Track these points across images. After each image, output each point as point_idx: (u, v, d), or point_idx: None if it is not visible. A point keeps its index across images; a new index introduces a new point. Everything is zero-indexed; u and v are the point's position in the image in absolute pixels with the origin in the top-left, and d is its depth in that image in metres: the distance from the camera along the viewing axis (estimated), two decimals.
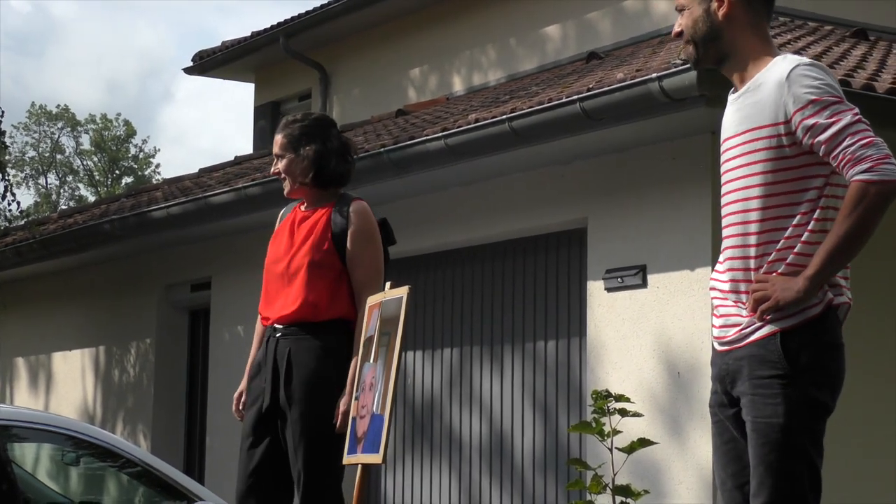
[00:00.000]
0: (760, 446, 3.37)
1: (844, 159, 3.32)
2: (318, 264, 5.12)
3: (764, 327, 3.40)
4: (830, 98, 3.38)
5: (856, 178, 3.30)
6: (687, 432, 8.04)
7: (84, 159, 48.44)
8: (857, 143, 3.32)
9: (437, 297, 10.30)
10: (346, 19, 15.06)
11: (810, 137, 3.37)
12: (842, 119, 3.35)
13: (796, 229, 3.40)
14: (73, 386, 14.35)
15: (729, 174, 3.55)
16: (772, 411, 3.35)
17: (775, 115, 3.42)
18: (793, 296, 3.34)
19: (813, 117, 3.36)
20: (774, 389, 3.36)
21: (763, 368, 3.38)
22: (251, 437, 5.18)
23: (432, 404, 10.22)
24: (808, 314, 3.38)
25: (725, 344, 3.51)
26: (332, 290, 5.14)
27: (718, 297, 3.56)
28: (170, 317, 13.25)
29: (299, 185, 5.27)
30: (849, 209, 3.30)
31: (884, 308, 8.52)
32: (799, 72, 3.41)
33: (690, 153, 8.20)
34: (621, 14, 12.48)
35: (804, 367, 3.36)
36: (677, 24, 3.66)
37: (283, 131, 5.31)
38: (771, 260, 3.42)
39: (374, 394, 5.02)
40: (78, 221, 13.53)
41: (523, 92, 10.16)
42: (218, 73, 17.64)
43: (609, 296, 8.64)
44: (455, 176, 9.51)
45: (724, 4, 3.55)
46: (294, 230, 5.25)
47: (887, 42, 11.19)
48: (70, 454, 7.26)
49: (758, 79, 3.50)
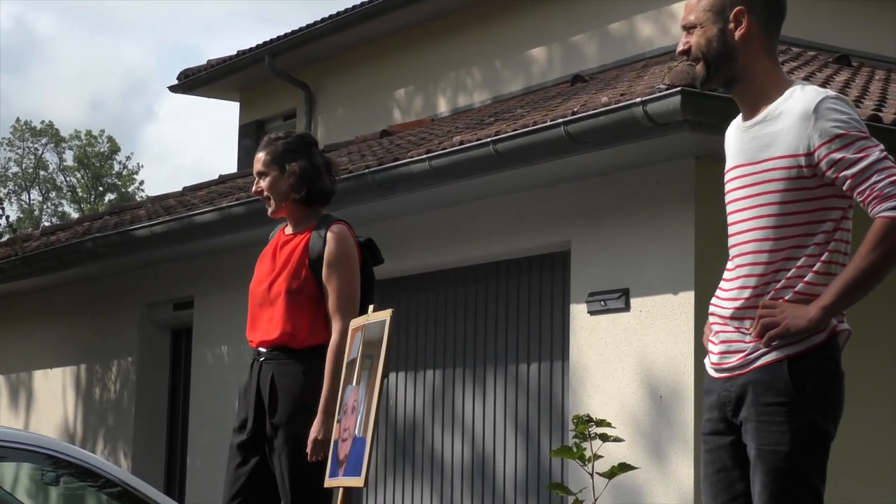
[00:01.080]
0: (765, 474, 3.35)
1: (872, 195, 3.32)
2: (295, 292, 5.11)
3: (770, 353, 3.39)
4: (858, 133, 3.37)
5: (883, 213, 3.30)
6: (668, 456, 8.04)
7: (67, 175, 48.35)
8: (887, 180, 3.32)
9: (420, 318, 10.29)
10: (332, 39, 15.08)
11: (835, 171, 3.36)
12: (870, 155, 3.34)
13: (808, 259, 3.39)
14: (54, 404, 14.29)
15: (742, 202, 3.50)
16: (777, 439, 3.34)
17: (797, 146, 3.40)
18: (804, 324, 3.33)
19: (840, 151, 3.35)
20: (780, 417, 3.35)
21: (769, 395, 3.37)
22: (238, 458, 5.17)
23: (414, 426, 10.20)
24: (813, 341, 3.38)
25: (726, 370, 3.48)
26: (311, 317, 5.13)
27: (718, 322, 3.53)
28: (152, 335, 13.21)
29: (284, 203, 5.23)
30: (874, 244, 3.30)
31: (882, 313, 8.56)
32: (827, 105, 3.39)
33: (674, 177, 8.22)
34: (606, 37, 12.52)
35: (810, 394, 3.35)
36: (683, 41, 3.57)
37: (266, 149, 5.25)
38: (779, 287, 3.40)
39: (357, 416, 5.01)
40: (61, 239, 13.50)
41: (508, 114, 10.17)
42: (203, 92, 17.64)
43: (592, 319, 8.64)
44: (439, 198, 9.52)
45: (741, 25, 3.50)
46: (276, 254, 5.23)
47: (870, 68, 11.24)
48: (50, 474, 7.22)
49: (776, 107, 3.47)
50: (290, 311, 5.10)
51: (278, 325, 5.10)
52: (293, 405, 5.06)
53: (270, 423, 5.08)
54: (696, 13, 3.54)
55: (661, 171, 8.30)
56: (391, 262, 10.23)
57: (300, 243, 5.18)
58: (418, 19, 14.29)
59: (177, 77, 17.35)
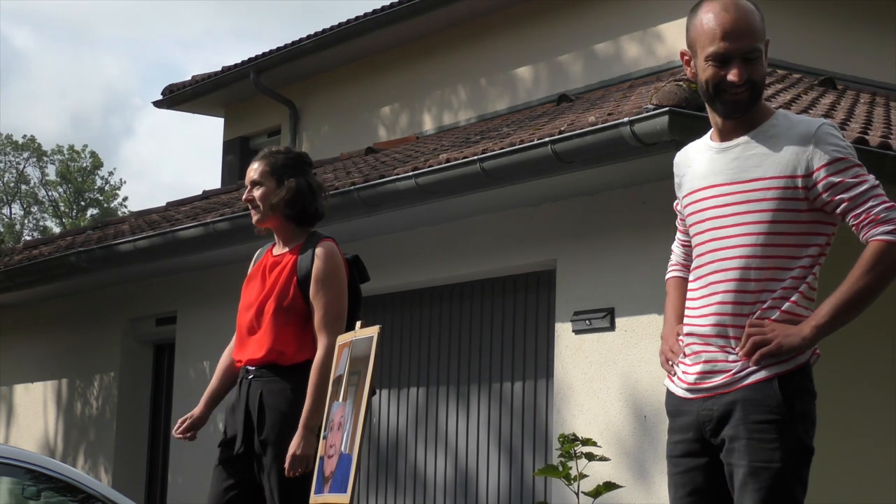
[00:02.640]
0: (755, 491, 3.38)
1: (868, 219, 3.41)
2: (284, 311, 5.11)
3: (760, 371, 3.42)
4: (854, 161, 3.47)
5: (879, 237, 3.39)
6: (652, 476, 8.03)
7: (49, 190, 48.24)
8: (882, 206, 3.41)
9: (405, 336, 10.28)
10: (317, 56, 15.08)
11: (832, 194, 3.43)
12: (867, 181, 3.44)
13: (794, 281, 3.45)
14: (35, 419, 14.22)
15: (726, 220, 3.52)
16: (769, 456, 3.38)
17: (794, 167, 3.45)
18: (798, 342, 3.39)
19: (838, 175, 3.42)
20: (772, 434, 3.38)
21: (759, 413, 3.40)
22: (224, 475, 5.15)
23: (398, 444, 10.18)
24: (798, 360, 3.44)
25: (705, 390, 3.49)
26: (298, 335, 5.13)
27: (696, 342, 3.54)
28: (134, 351, 13.17)
29: (273, 216, 5.21)
30: (868, 266, 3.38)
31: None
32: (826, 129, 3.47)
33: (661, 197, 8.22)
34: (592, 57, 12.55)
35: (798, 413, 3.41)
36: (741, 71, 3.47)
37: (266, 159, 5.24)
38: (765, 307, 3.44)
39: (343, 433, 4.99)
40: (43, 253, 13.44)
41: (494, 133, 10.18)
42: (187, 107, 17.61)
43: (577, 338, 8.64)
44: (425, 215, 9.51)
45: (765, 55, 3.53)
46: (265, 276, 5.21)
47: (855, 91, 11.28)
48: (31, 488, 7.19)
49: (764, 130, 3.51)
50: (278, 329, 5.10)
51: (266, 344, 5.10)
52: (282, 422, 5.06)
53: (259, 441, 5.07)
54: (760, 41, 3.50)
55: (647, 192, 8.31)
56: (376, 280, 10.23)
57: (289, 262, 5.17)
58: (404, 37, 14.30)
59: (161, 92, 17.33)
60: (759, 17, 3.51)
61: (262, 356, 5.10)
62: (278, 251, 5.26)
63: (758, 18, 3.50)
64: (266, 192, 5.19)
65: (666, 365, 3.66)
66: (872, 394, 8.63)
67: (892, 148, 7.90)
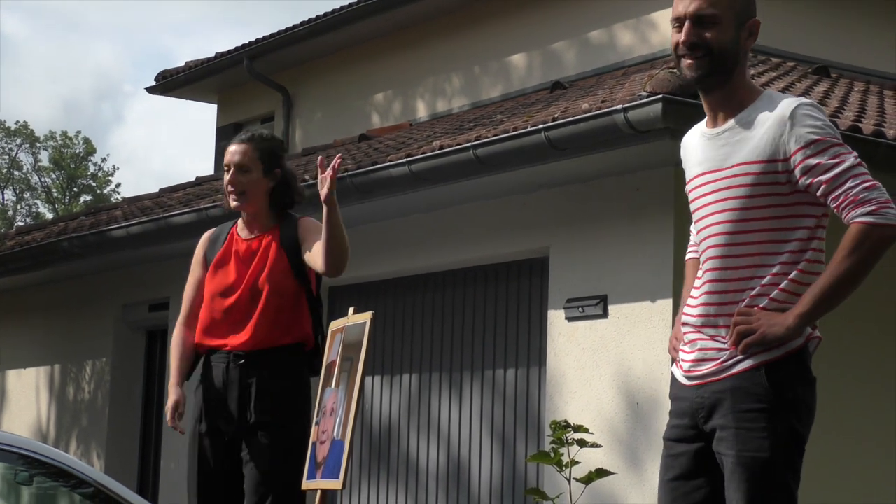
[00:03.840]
0: (745, 481, 3.35)
1: (847, 200, 3.32)
2: (277, 291, 5.07)
3: (747, 359, 3.38)
4: (833, 139, 3.38)
5: (858, 219, 3.30)
6: (645, 463, 8.04)
7: (42, 176, 48.16)
8: (861, 186, 3.32)
9: (398, 322, 10.28)
10: (311, 43, 15.07)
11: (810, 177, 3.36)
12: (845, 161, 3.34)
13: (783, 267, 3.39)
14: (27, 404, 14.22)
15: (711, 206, 3.50)
16: (758, 445, 3.34)
17: (774, 151, 3.39)
18: (781, 332, 3.33)
19: (815, 157, 3.35)
20: (761, 423, 3.34)
21: (748, 401, 3.36)
22: (212, 459, 5.14)
23: (390, 430, 10.19)
24: (790, 347, 3.37)
25: (699, 378, 3.48)
26: (289, 315, 5.11)
27: (691, 330, 3.53)
28: (127, 336, 13.16)
29: (254, 202, 5.13)
30: (848, 250, 3.30)
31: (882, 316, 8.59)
32: (802, 111, 3.39)
33: (654, 185, 8.23)
34: (586, 45, 12.54)
35: (788, 400, 3.36)
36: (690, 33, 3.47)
37: (252, 143, 5.14)
38: (754, 294, 3.40)
39: (335, 419, 4.99)
40: (36, 239, 13.43)
41: (488, 120, 10.18)
42: (180, 94, 17.60)
43: (569, 325, 8.64)
44: (418, 202, 9.51)
45: (752, 36, 3.51)
46: (241, 258, 5.15)
47: (849, 79, 11.29)
48: (23, 473, 7.17)
49: (748, 114, 3.46)
50: (273, 313, 5.07)
51: (260, 328, 5.06)
52: (280, 407, 5.04)
53: (254, 424, 5.03)
54: (719, 8, 3.46)
55: (641, 179, 8.31)
56: (369, 266, 10.26)
57: (272, 243, 5.12)
58: (397, 24, 14.29)
59: (154, 78, 17.31)
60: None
61: (255, 340, 5.05)
62: (250, 234, 5.18)
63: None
64: (255, 179, 5.12)
65: (672, 352, 3.65)
66: (878, 394, 8.63)
67: (886, 136, 7.91)
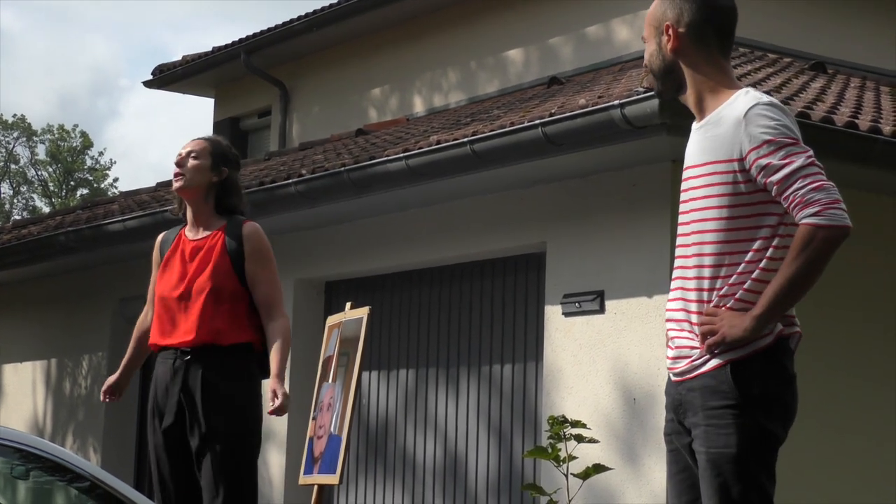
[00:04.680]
0: (714, 477, 3.38)
1: (795, 201, 3.34)
2: (218, 289, 5.14)
3: (714, 358, 3.42)
4: (785, 139, 3.39)
5: (804, 220, 3.32)
6: (641, 459, 8.05)
7: (39, 169, 48.13)
8: (808, 187, 3.33)
9: (394, 317, 10.28)
10: (308, 37, 15.06)
11: (764, 177, 3.39)
12: (795, 161, 3.36)
13: (748, 266, 3.42)
14: (24, 398, 14.21)
15: (688, 204, 3.56)
16: (725, 441, 3.37)
17: (731, 151, 3.44)
18: (739, 333, 3.36)
19: (767, 157, 3.38)
20: (727, 420, 3.37)
21: (715, 399, 3.40)
22: (170, 459, 5.13)
23: (387, 425, 10.20)
24: (757, 345, 3.40)
25: (678, 374, 3.53)
26: (231, 313, 5.15)
27: (674, 328, 3.57)
28: (123, 330, 13.14)
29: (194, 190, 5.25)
30: (796, 252, 3.33)
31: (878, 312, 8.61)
32: (757, 111, 3.43)
33: (651, 180, 8.24)
34: (583, 40, 12.54)
35: (756, 397, 3.37)
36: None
37: (209, 140, 5.36)
38: (722, 294, 3.44)
39: (332, 414, 5.01)
40: (32, 232, 13.42)
41: (485, 115, 10.18)
42: (178, 88, 17.58)
43: (566, 321, 8.65)
44: (415, 197, 9.51)
45: (671, 39, 3.61)
46: (186, 258, 5.24)
47: (845, 75, 11.29)
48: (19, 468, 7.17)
49: (719, 112, 3.52)
50: (212, 308, 5.11)
51: (202, 324, 5.09)
52: (226, 404, 5.04)
53: (203, 422, 5.04)
54: (647, 28, 3.70)
55: (637, 174, 8.31)
56: (365, 261, 10.27)
57: (216, 243, 5.21)
58: (395, 19, 14.28)
59: (151, 72, 17.29)
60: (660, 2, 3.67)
61: (199, 337, 5.09)
62: (196, 235, 5.29)
63: (657, 3, 3.67)
64: (200, 165, 5.25)
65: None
66: (874, 393, 8.64)
67: (882, 132, 7.92)
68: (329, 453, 4.89)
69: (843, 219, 3.31)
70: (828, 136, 7.67)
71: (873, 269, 8.69)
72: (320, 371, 5.10)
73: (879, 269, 8.70)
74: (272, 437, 10.50)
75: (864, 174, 8.20)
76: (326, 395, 5.04)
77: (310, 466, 5.00)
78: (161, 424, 5.13)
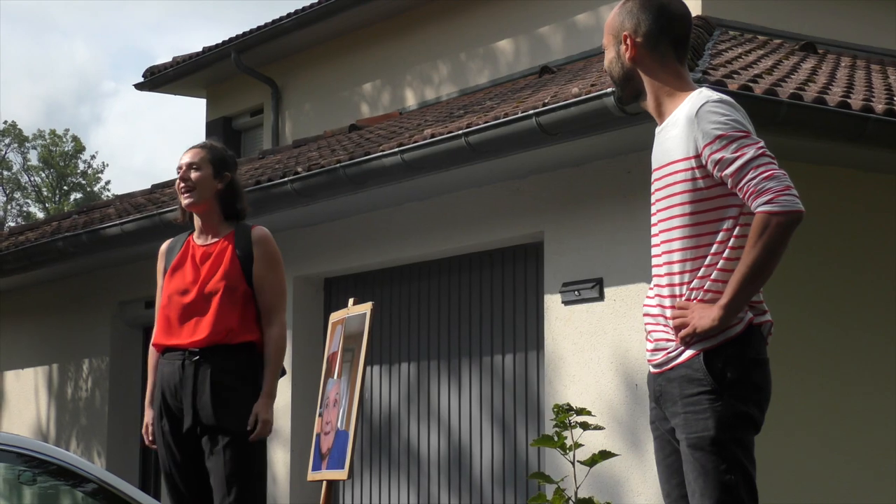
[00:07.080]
0: (696, 460, 3.51)
1: (748, 191, 3.47)
2: (232, 289, 5.21)
3: (688, 349, 3.55)
4: (736, 133, 3.52)
5: (759, 209, 3.45)
6: (645, 444, 8.08)
7: (32, 175, 48.08)
8: (760, 176, 3.46)
9: (395, 311, 10.31)
10: (298, 35, 15.07)
11: (719, 170, 3.53)
12: (747, 153, 3.49)
13: (713, 258, 3.56)
14: (27, 404, 14.23)
15: (656, 204, 3.71)
16: (703, 426, 3.50)
17: (687, 149, 3.58)
18: (709, 323, 3.49)
19: (720, 152, 3.51)
20: (703, 405, 3.50)
21: (691, 387, 3.53)
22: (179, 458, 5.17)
23: (390, 419, 10.22)
24: (729, 333, 3.52)
25: (656, 366, 3.66)
26: (241, 314, 5.23)
27: (650, 322, 3.70)
28: (123, 334, 13.18)
29: (205, 202, 5.32)
30: (754, 240, 3.45)
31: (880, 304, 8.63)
32: (707, 108, 3.57)
33: (645, 167, 8.21)
34: (573, 29, 12.56)
35: (730, 382, 3.50)
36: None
37: (205, 149, 5.41)
38: (692, 287, 3.57)
39: (339, 410, 5.04)
40: (30, 239, 13.43)
41: (478, 107, 10.19)
42: (169, 89, 17.58)
43: (566, 309, 8.68)
44: (411, 191, 9.53)
45: (629, 49, 3.73)
46: (197, 262, 5.31)
47: (835, 55, 11.30)
48: (26, 473, 7.19)
49: (675, 115, 3.66)
50: (224, 309, 5.19)
51: (215, 324, 5.17)
52: (237, 401, 5.07)
53: (215, 422, 5.08)
54: (605, 38, 3.81)
55: (632, 161, 8.34)
56: (364, 256, 10.28)
57: (227, 247, 5.30)
58: (383, 13, 14.29)
59: (142, 75, 17.30)
60: (618, 12, 3.76)
61: (211, 336, 5.16)
62: (205, 241, 5.36)
63: (616, 13, 3.76)
64: (204, 176, 5.32)
65: None
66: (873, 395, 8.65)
67: (875, 111, 7.94)
68: (337, 449, 4.92)
69: (795, 204, 3.44)
70: (821, 116, 7.69)
71: (868, 247, 8.71)
72: (325, 368, 5.12)
73: (873, 246, 8.72)
74: (276, 436, 10.53)
75: (858, 153, 8.23)
76: (332, 392, 5.07)
77: (318, 463, 5.03)
78: (171, 426, 5.17)
